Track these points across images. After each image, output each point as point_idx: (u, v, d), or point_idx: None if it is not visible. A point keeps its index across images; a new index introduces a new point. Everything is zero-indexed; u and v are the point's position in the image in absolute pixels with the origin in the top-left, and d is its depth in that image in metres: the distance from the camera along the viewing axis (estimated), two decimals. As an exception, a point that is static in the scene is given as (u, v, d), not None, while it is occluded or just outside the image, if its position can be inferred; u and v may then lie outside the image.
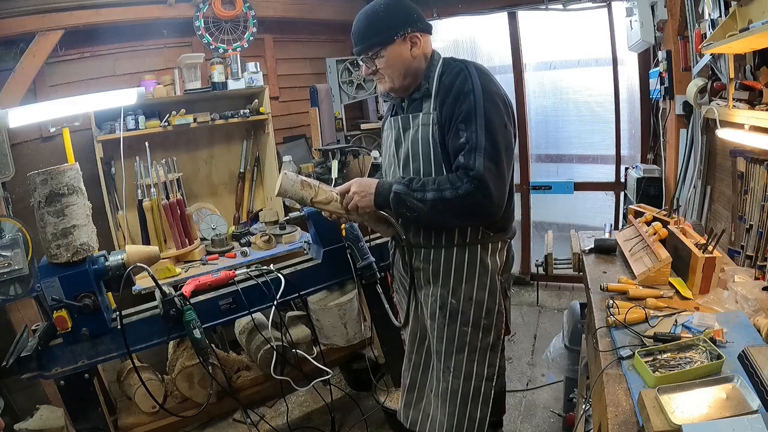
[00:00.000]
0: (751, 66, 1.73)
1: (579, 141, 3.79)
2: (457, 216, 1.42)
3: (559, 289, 3.88)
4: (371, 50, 1.46)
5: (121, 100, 2.32)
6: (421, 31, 1.47)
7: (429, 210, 1.39)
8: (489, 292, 1.54)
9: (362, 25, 1.47)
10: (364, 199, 1.47)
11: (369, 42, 1.45)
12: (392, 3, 1.46)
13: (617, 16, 3.23)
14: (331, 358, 2.44)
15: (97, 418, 1.72)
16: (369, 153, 3.46)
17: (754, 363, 1.00)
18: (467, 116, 1.37)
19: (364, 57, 1.49)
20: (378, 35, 1.44)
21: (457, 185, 1.35)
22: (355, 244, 2.00)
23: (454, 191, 1.35)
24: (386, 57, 1.45)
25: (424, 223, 1.50)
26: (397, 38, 1.43)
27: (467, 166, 1.35)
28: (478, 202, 1.35)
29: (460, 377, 1.59)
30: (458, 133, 1.38)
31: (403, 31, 1.43)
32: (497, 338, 1.59)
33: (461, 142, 1.37)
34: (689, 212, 2.39)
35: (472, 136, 1.35)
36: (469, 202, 1.35)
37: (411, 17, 1.46)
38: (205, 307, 1.78)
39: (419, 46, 1.46)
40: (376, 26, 1.44)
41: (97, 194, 2.59)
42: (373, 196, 1.46)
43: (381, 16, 1.44)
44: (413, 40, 1.45)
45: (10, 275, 2.21)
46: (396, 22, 1.43)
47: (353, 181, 1.51)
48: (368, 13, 1.46)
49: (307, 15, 3.57)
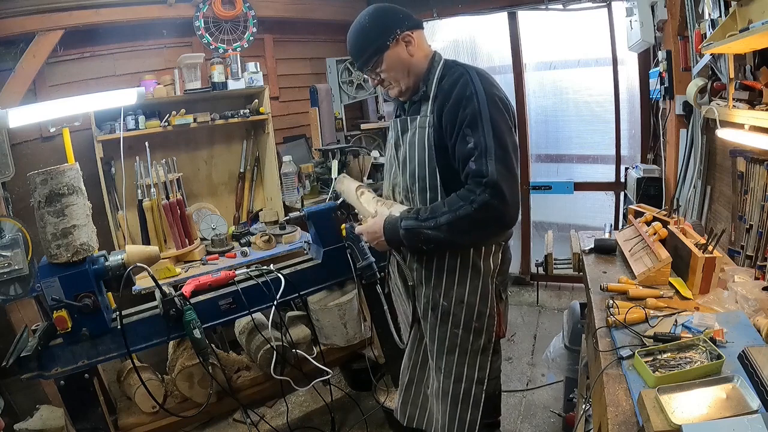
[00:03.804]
0: (751, 66, 1.73)
1: (579, 141, 3.79)
2: (478, 229, 1.36)
3: (559, 289, 3.88)
4: (370, 62, 1.49)
5: (121, 100, 2.32)
6: (411, 29, 1.47)
7: (447, 235, 1.35)
8: (481, 295, 1.53)
9: (354, 42, 1.50)
10: (379, 245, 1.52)
11: (365, 56, 1.48)
12: (375, 12, 1.48)
13: (617, 16, 3.23)
14: (331, 358, 2.44)
15: (97, 418, 1.73)
16: (369, 153, 3.46)
17: (754, 363, 1.00)
18: (473, 121, 1.35)
19: (366, 71, 1.53)
20: (371, 46, 1.46)
21: (471, 198, 1.31)
22: (355, 244, 2.00)
23: (470, 206, 1.31)
24: (386, 63, 1.47)
25: (444, 249, 1.48)
26: (390, 42, 1.45)
27: (480, 173, 1.31)
28: (496, 209, 1.31)
29: (451, 378, 1.59)
30: (465, 138, 1.36)
31: (394, 34, 1.45)
32: (488, 341, 1.58)
33: (470, 148, 1.34)
34: (689, 212, 2.39)
35: (480, 140, 1.33)
36: (487, 212, 1.31)
37: (397, 19, 1.47)
38: (205, 307, 1.78)
39: (414, 43, 1.47)
40: (367, 39, 1.47)
41: (97, 194, 2.59)
42: (384, 241, 1.48)
43: (368, 27, 1.47)
44: (406, 39, 1.46)
45: (10, 275, 2.22)
46: (384, 28, 1.45)
47: (363, 229, 1.57)
48: (356, 30, 1.49)
49: (307, 15, 3.57)
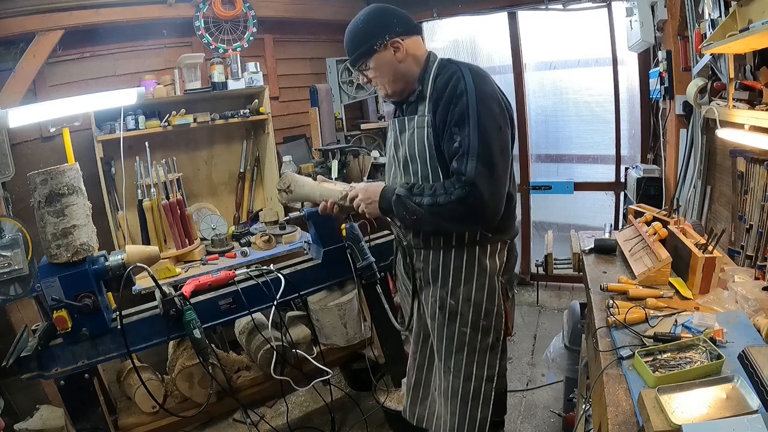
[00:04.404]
0: (751, 66, 1.73)
1: (579, 141, 3.79)
2: (452, 221, 1.41)
3: (559, 289, 3.88)
4: (358, 63, 1.51)
5: (121, 100, 2.32)
6: (402, 35, 1.47)
7: (426, 214, 1.40)
8: (488, 293, 1.54)
9: (347, 41, 1.52)
10: (370, 206, 1.52)
11: (354, 56, 1.50)
12: (370, 13, 1.48)
13: (617, 16, 3.23)
14: (331, 358, 2.44)
15: (97, 418, 1.72)
16: (369, 153, 3.46)
17: (754, 363, 1.00)
18: (460, 119, 1.36)
19: (355, 69, 1.55)
20: (360, 48, 1.48)
21: (450, 191, 1.35)
22: (355, 244, 2.00)
23: (447, 197, 1.35)
24: (373, 67, 1.49)
25: (424, 227, 1.50)
26: (377, 48, 1.46)
27: (459, 171, 1.35)
28: (472, 206, 1.35)
29: (460, 377, 1.59)
30: (452, 137, 1.38)
31: (382, 40, 1.45)
32: (497, 339, 1.58)
33: (455, 147, 1.37)
34: (689, 212, 2.39)
35: (465, 139, 1.35)
36: (462, 208, 1.35)
37: (388, 24, 1.46)
38: (205, 307, 1.77)
39: (402, 50, 1.47)
40: (358, 40, 1.48)
41: (97, 194, 2.59)
42: (377, 204, 1.49)
43: (360, 28, 1.48)
44: (394, 45, 1.46)
45: (10, 275, 2.22)
46: (373, 33, 1.46)
47: (361, 188, 1.56)
48: (351, 28, 1.51)
49: (307, 15, 3.58)
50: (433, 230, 1.51)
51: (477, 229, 1.49)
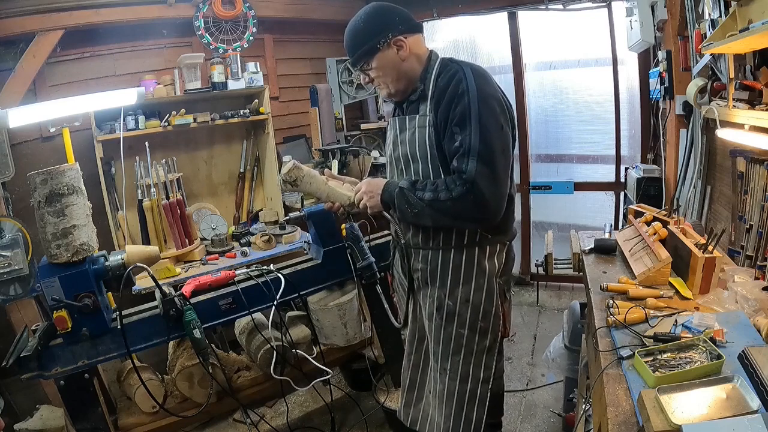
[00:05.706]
0: (751, 66, 1.73)
1: (579, 141, 3.79)
2: (452, 218, 1.41)
3: (559, 289, 3.88)
4: (360, 62, 1.49)
5: (121, 100, 2.32)
6: (405, 33, 1.46)
7: (426, 209, 1.40)
8: (486, 294, 1.53)
9: (348, 40, 1.50)
10: (372, 200, 1.52)
11: (356, 55, 1.49)
12: (371, 12, 1.47)
13: (617, 16, 3.23)
14: (331, 358, 2.44)
15: (97, 418, 1.73)
16: (369, 153, 3.46)
17: (754, 363, 1.00)
18: (461, 119, 1.36)
19: (356, 69, 1.54)
20: (362, 47, 1.46)
21: (451, 188, 1.35)
22: (355, 244, 2.00)
23: (448, 193, 1.35)
24: (375, 65, 1.48)
25: (424, 222, 1.50)
26: (380, 46, 1.44)
27: (460, 170, 1.35)
28: (472, 205, 1.35)
29: (456, 379, 1.59)
30: (453, 136, 1.38)
31: (384, 38, 1.44)
32: (494, 341, 1.58)
33: (456, 146, 1.37)
34: (689, 212, 2.39)
35: (466, 139, 1.34)
36: (462, 206, 1.35)
37: (391, 22, 1.46)
38: (205, 307, 1.78)
39: (405, 48, 1.46)
40: (359, 39, 1.47)
41: (97, 194, 2.59)
42: (379, 197, 1.50)
43: (361, 27, 1.47)
44: (397, 43, 1.45)
45: (10, 275, 2.22)
46: (376, 31, 1.44)
47: (365, 181, 1.56)
48: (351, 28, 1.49)
49: (307, 15, 3.58)
50: (433, 226, 1.50)
51: (477, 227, 1.49)
